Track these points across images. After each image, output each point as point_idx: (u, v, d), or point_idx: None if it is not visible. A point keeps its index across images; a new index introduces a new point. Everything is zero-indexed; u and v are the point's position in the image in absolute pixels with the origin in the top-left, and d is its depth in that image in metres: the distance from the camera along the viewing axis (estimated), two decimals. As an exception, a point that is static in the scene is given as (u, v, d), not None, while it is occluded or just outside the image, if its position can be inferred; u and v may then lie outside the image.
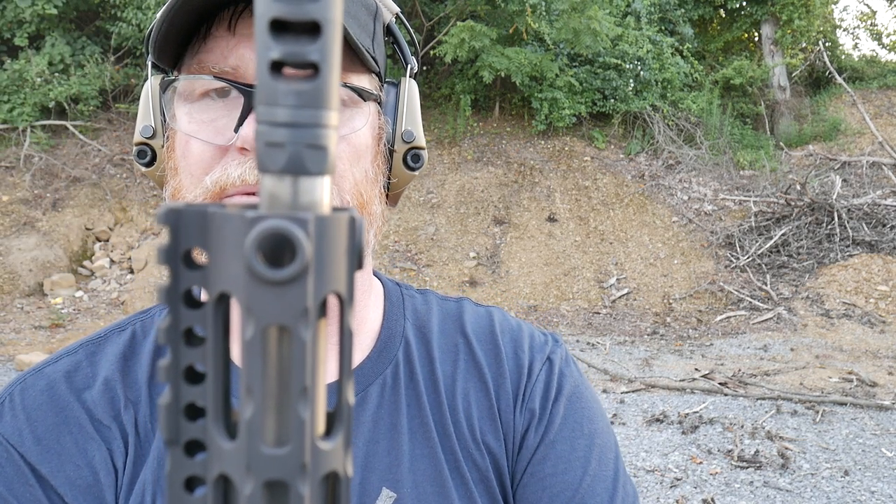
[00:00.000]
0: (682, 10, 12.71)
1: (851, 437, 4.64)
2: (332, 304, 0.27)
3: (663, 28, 12.34)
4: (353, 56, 0.64)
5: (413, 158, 0.73)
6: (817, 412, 5.03)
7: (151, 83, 0.69)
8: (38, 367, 0.70)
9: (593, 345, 7.18)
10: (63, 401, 0.67)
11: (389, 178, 0.73)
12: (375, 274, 0.80)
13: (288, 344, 0.22)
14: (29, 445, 0.65)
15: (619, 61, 11.12)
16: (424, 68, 11.20)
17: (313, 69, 0.22)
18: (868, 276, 8.31)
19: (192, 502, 0.24)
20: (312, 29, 0.21)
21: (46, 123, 9.83)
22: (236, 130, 0.61)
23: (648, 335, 7.73)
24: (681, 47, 12.23)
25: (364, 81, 0.67)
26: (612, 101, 11.27)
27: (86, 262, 9.04)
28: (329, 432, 0.24)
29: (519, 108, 11.41)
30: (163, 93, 0.67)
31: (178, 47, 0.64)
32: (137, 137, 0.69)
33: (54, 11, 9.85)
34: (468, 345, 0.77)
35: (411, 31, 0.75)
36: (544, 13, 10.11)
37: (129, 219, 9.46)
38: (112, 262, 9.04)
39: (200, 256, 0.24)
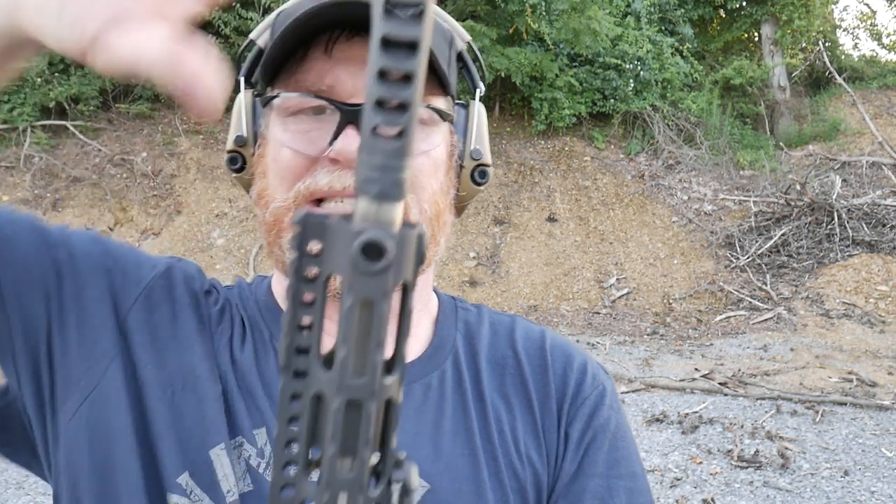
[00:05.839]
0: (682, 10, 12.69)
1: (851, 437, 4.64)
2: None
3: (663, 28, 12.32)
4: (437, 81, 0.70)
5: (480, 174, 0.79)
6: (817, 412, 5.03)
7: (244, 97, 0.76)
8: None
9: (593, 345, 7.17)
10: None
11: (458, 192, 0.79)
12: (434, 290, 0.84)
13: (371, 313, 0.32)
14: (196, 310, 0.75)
15: (619, 61, 11.10)
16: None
17: (401, 131, 0.31)
18: (868, 276, 8.31)
19: (294, 408, 0.35)
20: (402, 107, 0.31)
21: (46, 123, 9.81)
22: (331, 143, 0.68)
23: (648, 335, 7.73)
24: (681, 47, 12.21)
25: (441, 103, 0.73)
26: (612, 101, 11.25)
27: (86, 262, 9.03)
28: (390, 371, 0.34)
29: (519, 108, 11.40)
30: (262, 106, 0.74)
31: (275, 67, 0.71)
32: (230, 146, 0.76)
33: (54, 11, 9.83)
34: (517, 359, 0.79)
35: (480, 57, 0.81)
36: (544, 13, 10.10)
37: (130, 219, 9.45)
38: (112, 262, 9.03)
39: (314, 248, 0.33)
